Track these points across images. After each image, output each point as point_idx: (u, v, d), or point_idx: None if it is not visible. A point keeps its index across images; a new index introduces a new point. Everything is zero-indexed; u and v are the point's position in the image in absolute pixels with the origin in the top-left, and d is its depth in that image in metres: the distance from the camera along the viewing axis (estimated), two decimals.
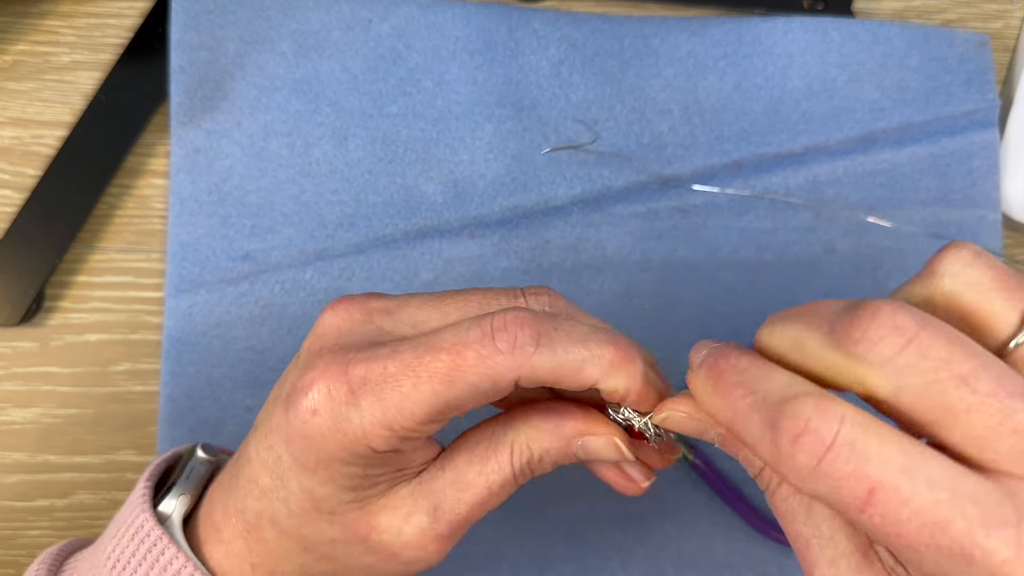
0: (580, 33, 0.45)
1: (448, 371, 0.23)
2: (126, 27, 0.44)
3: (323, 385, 0.24)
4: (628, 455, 0.27)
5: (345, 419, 0.24)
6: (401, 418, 0.24)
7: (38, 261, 0.42)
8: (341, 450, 0.24)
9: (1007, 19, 0.47)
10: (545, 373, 0.24)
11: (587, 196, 0.44)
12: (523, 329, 0.24)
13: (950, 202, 0.45)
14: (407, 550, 0.26)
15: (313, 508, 0.26)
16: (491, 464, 0.27)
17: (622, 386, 0.25)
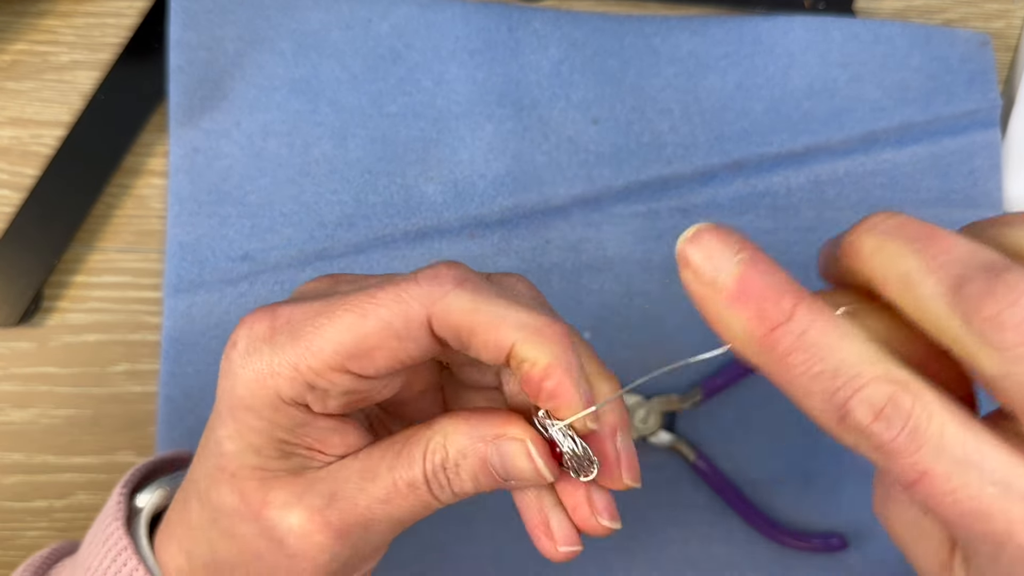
0: (580, 32, 0.45)
1: (363, 303, 0.23)
2: (125, 26, 0.44)
3: (249, 322, 0.24)
4: (542, 466, 0.24)
5: (257, 354, 0.23)
6: (308, 356, 0.23)
7: (36, 261, 0.42)
8: (249, 394, 0.24)
9: (1009, 18, 0.47)
10: (460, 316, 0.22)
11: (587, 196, 0.44)
12: (450, 270, 0.23)
13: (951, 202, 0.45)
14: (291, 536, 0.24)
15: (220, 467, 0.25)
16: (402, 459, 0.24)
17: (541, 359, 0.22)
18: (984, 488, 0.19)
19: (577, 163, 0.44)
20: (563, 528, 0.25)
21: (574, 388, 0.23)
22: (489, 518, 0.43)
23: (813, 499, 0.45)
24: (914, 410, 0.19)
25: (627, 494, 0.44)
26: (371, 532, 0.24)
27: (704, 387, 0.43)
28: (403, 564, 0.43)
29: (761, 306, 0.21)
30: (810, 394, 0.20)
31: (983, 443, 0.19)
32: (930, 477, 0.19)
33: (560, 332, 0.23)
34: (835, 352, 0.20)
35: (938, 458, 0.19)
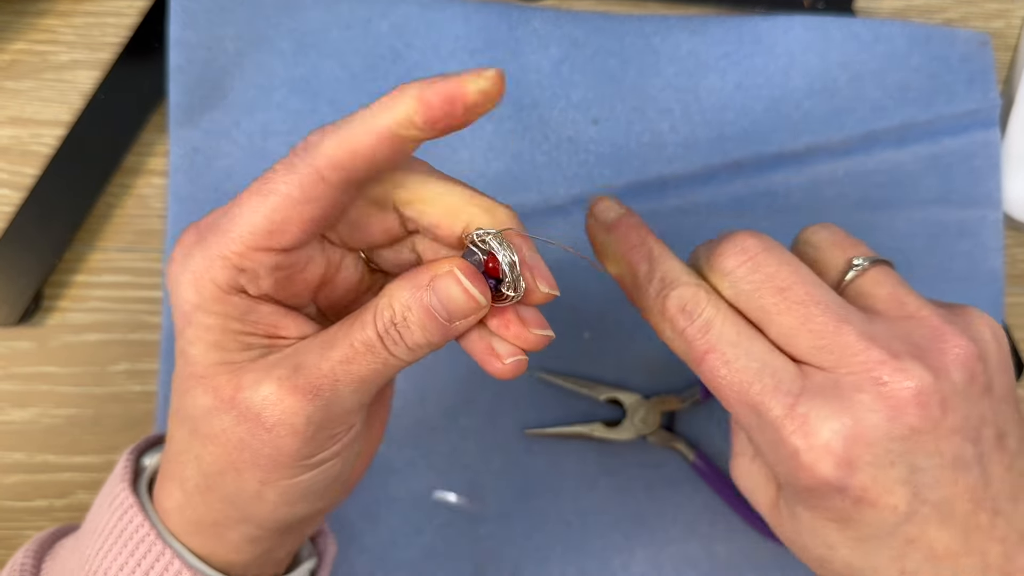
0: (581, 32, 0.45)
1: (259, 187, 0.25)
2: (125, 26, 0.44)
3: (180, 238, 0.27)
4: (471, 288, 0.25)
5: (189, 257, 0.26)
6: (230, 242, 0.25)
7: (36, 261, 0.42)
8: (192, 294, 0.26)
9: (1008, 18, 0.47)
10: (339, 151, 0.24)
11: (587, 195, 0.44)
12: (315, 131, 0.25)
13: (951, 201, 0.45)
14: (266, 406, 0.26)
15: (189, 375, 0.27)
16: (356, 325, 0.26)
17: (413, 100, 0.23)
18: (750, 363, 0.27)
19: (577, 163, 0.44)
20: (504, 346, 0.27)
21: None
22: (492, 518, 0.44)
23: None
24: (708, 307, 0.29)
25: (627, 495, 0.44)
26: (339, 392, 0.26)
27: (703, 386, 0.43)
28: (403, 564, 0.43)
29: (627, 234, 0.31)
30: (646, 291, 0.30)
31: (751, 336, 0.28)
32: (713, 353, 0.28)
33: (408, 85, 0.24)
34: (666, 265, 0.30)
35: (719, 340, 0.28)
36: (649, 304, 0.30)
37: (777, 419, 0.27)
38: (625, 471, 0.44)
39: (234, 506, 0.28)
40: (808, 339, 0.27)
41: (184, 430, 0.28)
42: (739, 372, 0.27)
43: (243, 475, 0.27)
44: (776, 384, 0.27)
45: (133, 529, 0.29)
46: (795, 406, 0.27)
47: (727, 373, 0.28)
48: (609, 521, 0.44)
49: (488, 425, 0.44)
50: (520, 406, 0.44)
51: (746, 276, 0.28)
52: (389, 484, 0.43)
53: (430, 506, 0.43)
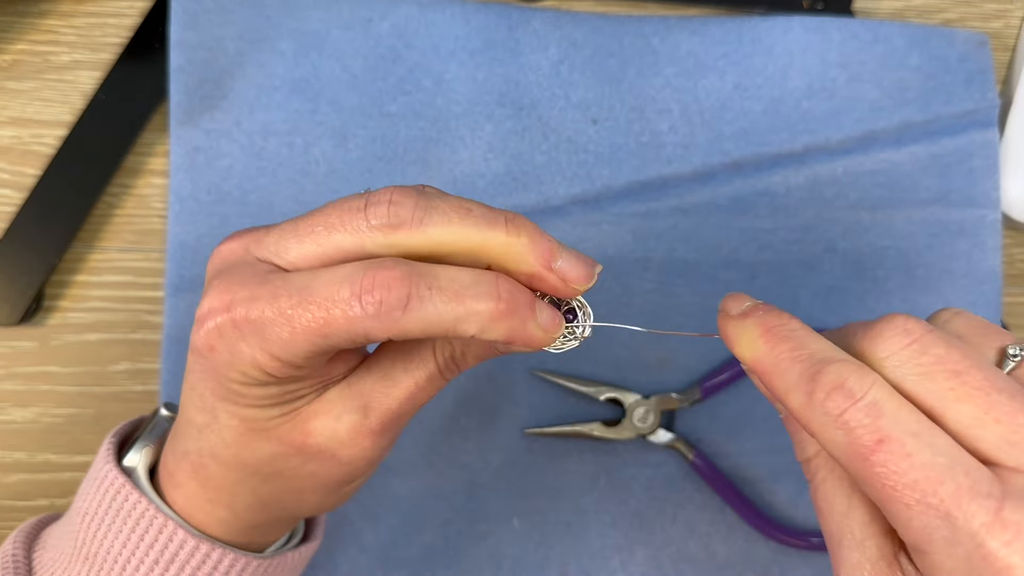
0: (580, 32, 0.45)
1: (320, 327, 0.24)
2: (126, 26, 0.44)
3: (212, 323, 0.25)
4: (548, 322, 0.26)
5: (238, 352, 0.25)
6: (286, 353, 0.24)
7: (37, 260, 0.42)
8: (244, 377, 0.25)
9: (1007, 18, 0.47)
10: (416, 333, 0.24)
11: (587, 195, 0.44)
12: (391, 292, 0.23)
13: (950, 202, 0.45)
14: (343, 449, 0.27)
15: (246, 431, 0.27)
16: (415, 361, 0.27)
17: (503, 336, 0.25)
18: (937, 458, 0.22)
19: (576, 163, 0.44)
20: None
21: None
22: (491, 517, 0.44)
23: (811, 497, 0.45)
24: (875, 387, 0.23)
25: (627, 494, 0.44)
26: (402, 421, 0.28)
27: (703, 386, 0.43)
28: (403, 564, 0.43)
29: (765, 316, 0.26)
30: (788, 372, 0.24)
31: (932, 426, 0.22)
32: (888, 443, 0.22)
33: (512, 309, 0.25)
34: (814, 343, 0.25)
35: (895, 427, 0.22)
36: (793, 383, 0.24)
37: (980, 528, 0.21)
38: (625, 471, 0.44)
39: (284, 511, 0.30)
40: (996, 431, 0.23)
41: (238, 473, 0.28)
42: (924, 468, 0.22)
43: (305, 495, 0.29)
44: (972, 484, 0.22)
45: (131, 506, 0.29)
46: (1001, 511, 0.21)
47: (907, 469, 0.22)
48: (609, 520, 0.44)
49: (488, 425, 0.44)
50: (520, 406, 0.44)
51: (913, 359, 0.24)
52: (389, 484, 0.43)
53: (430, 506, 0.44)
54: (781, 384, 0.24)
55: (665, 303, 0.45)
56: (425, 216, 0.24)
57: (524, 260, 0.25)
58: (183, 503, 0.30)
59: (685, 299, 0.45)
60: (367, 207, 0.24)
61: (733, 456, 0.45)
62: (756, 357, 0.25)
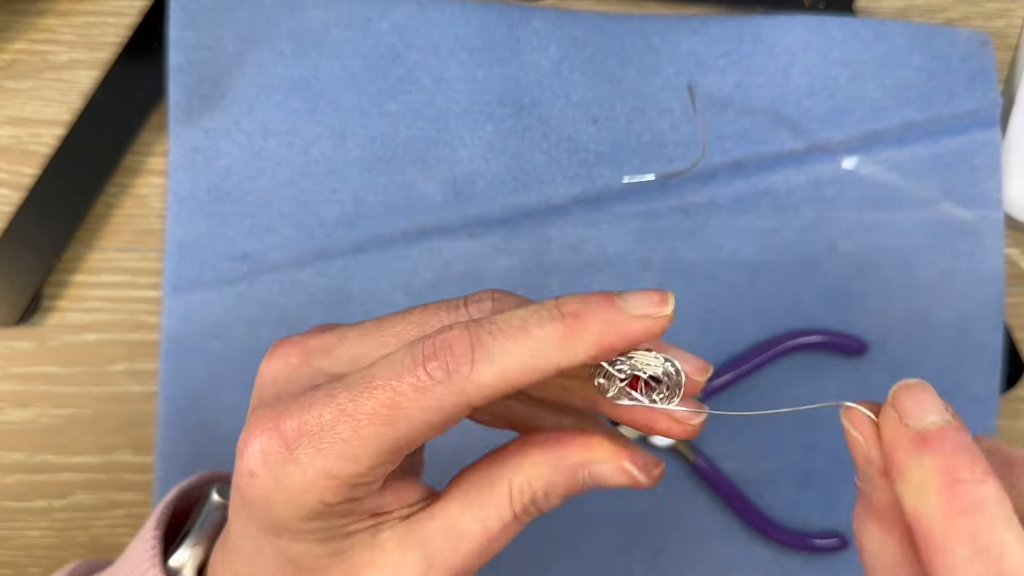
0: (580, 31, 0.45)
1: (388, 411, 0.21)
2: (124, 25, 0.44)
3: (256, 444, 0.22)
4: (641, 478, 0.25)
5: (285, 476, 0.22)
6: (346, 465, 0.22)
7: (36, 260, 0.42)
8: (291, 510, 0.22)
9: (1009, 17, 0.47)
10: (493, 388, 0.22)
11: (587, 195, 0.44)
12: (453, 350, 0.21)
13: (952, 201, 0.45)
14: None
15: (293, 569, 0.24)
16: (488, 509, 0.24)
17: (590, 347, 0.22)
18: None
19: (577, 162, 0.44)
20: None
21: (641, 311, 0.22)
22: None
23: (812, 499, 0.45)
24: None
25: (627, 495, 0.44)
26: (471, 574, 0.25)
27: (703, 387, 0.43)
28: None
29: (954, 458, 0.20)
30: (958, 560, 0.19)
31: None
32: None
33: (578, 312, 0.22)
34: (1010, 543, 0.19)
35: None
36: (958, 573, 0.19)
37: None
38: None
39: None
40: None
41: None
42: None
43: None
44: None
45: None
46: None
47: None
48: (609, 521, 0.44)
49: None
50: None
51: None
52: None
53: None
54: (942, 561, 0.19)
55: None
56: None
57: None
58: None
59: (686, 299, 0.44)
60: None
61: (734, 458, 0.44)
62: (924, 513, 0.20)
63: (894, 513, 0.22)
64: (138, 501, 0.43)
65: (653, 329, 0.22)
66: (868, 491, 0.23)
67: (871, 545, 0.23)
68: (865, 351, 0.44)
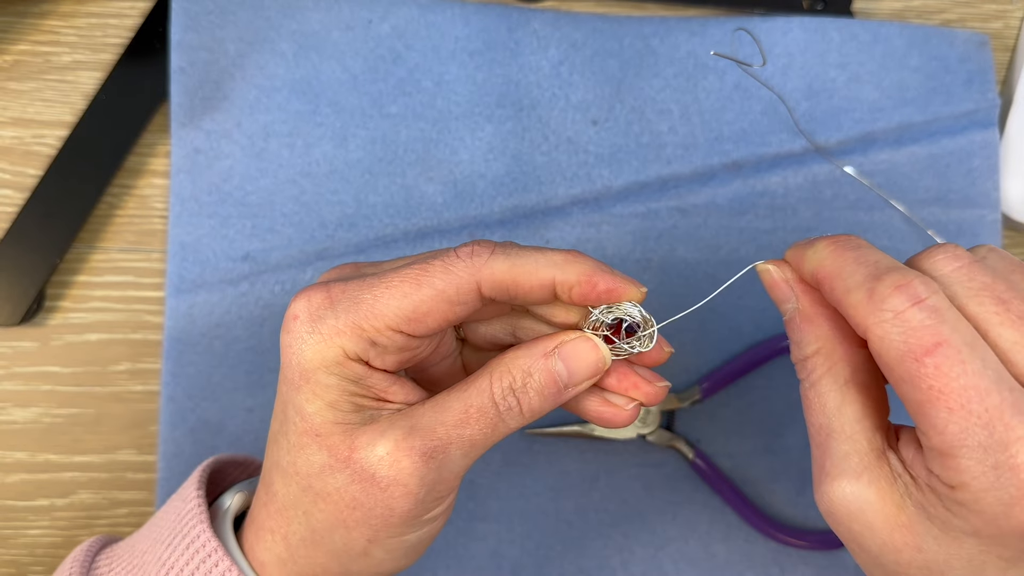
0: (580, 33, 0.45)
1: (416, 276, 0.26)
2: (127, 27, 0.44)
3: (305, 296, 0.27)
4: (603, 348, 0.28)
5: (321, 320, 0.26)
6: (371, 318, 0.26)
7: (39, 261, 0.42)
8: (317, 353, 0.26)
9: (1006, 19, 0.47)
10: (504, 275, 0.26)
11: (587, 196, 0.44)
12: (481, 244, 0.27)
13: (950, 202, 0.45)
14: (382, 467, 0.27)
15: (304, 431, 0.27)
16: (470, 390, 0.28)
17: (581, 273, 0.27)
18: (987, 371, 0.23)
19: (576, 163, 0.44)
20: (620, 398, 0.30)
21: (622, 277, 0.28)
22: (490, 517, 0.44)
23: (811, 497, 0.45)
24: (936, 295, 0.24)
25: (627, 494, 0.44)
26: (450, 455, 0.27)
27: (702, 386, 0.44)
28: None
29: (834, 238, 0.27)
30: (852, 276, 0.25)
31: (983, 343, 0.24)
32: (945, 348, 0.23)
33: (582, 254, 0.28)
34: (881, 255, 0.26)
35: (953, 333, 0.23)
36: (856, 283, 0.25)
37: (1016, 441, 0.23)
38: (625, 470, 0.44)
39: (338, 561, 0.29)
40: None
41: (294, 486, 0.28)
42: (974, 376, 0.23)
43: (352, 532, 0.28)
44: (1015, 401, 0.23)
45: (220, 574, 0.28)
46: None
47: (959, 375, 0.23)
48: (609, 520, 0.44)
49: None
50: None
51: (962, 281, 0.25)
52: None
53: None
54: (842, 285, 0.25)
55: (665, 303, 0.45)
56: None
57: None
58: (252, 540, 0.30)
59: (685, 299, 0.45)
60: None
61: (733, 456, 0.45)
62: (820, 264, 0.27)
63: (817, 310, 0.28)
64: (140, 500, 0.43)
65: (629, 290, 0.28)
66: (792, 309, 0.29)
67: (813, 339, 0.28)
68: None
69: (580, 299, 0.28)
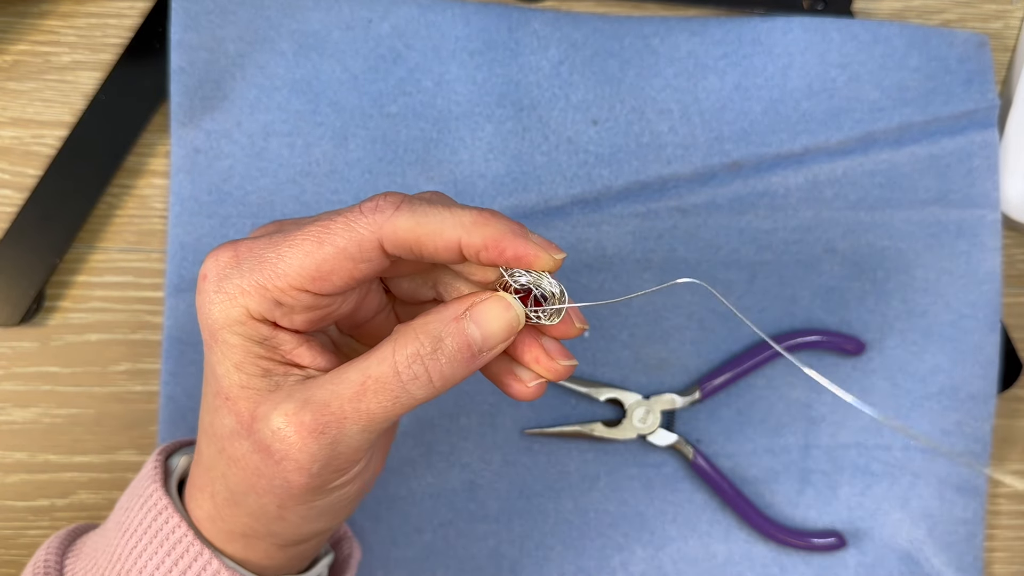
0: (580, 33, 0.45)
1: (318, 234, 0.26)
2: (126, 27, 0.44)
3: (214, 256, 0.27)
4: (517, 307, 0.27)
5: (227, 279, 0.26)
6: (274, 277, 0.26)
7: (38, 261, 0.42)
8: (223, 311, 0.26)
9: (1006, 19, 0.47)
10: (407, 233, 0.25)
11: (587, 196, 0.44)
12: (387, 198, 0.26)
13: (949, 202, 0.45)
14: (275, 441, 0.26)
15: (216, 392, 0.27)
16: (371, 359, 0.26)
17: (488, 238, 0.26)
18: None
19: (576, 163, 0.44)
20: (526, 372, 0.29)
21: (535, 243, 0.26)
22: (490, 517, 0.44)
23: (811, 498, 0.45)
24: None
25: (627, 494, 0.44)
26: (345, 431, 0.26)
27: (702, 386, 0.44)
28: (403, 564, 0.43)
29: None
30: None
31: None
32: None
33: (496, 214, 0.26)
34: None
35: None
36: None
37: None
38: (625, 470, 0.44)
39: (259, 522, 0.29)
40: None
41: (213, 447, 0.28)
42: None
43: (262, 498, 0.28)
44: None
45: (169, 530, 0.29)
46: None
47: None
48: (608, 520, 0.44)
49: (487, 425, 0.44)
50: (519, 406, 0.44)
51: None
52: (389, 483, 0.43)
53: (430, 506, 0.44)
54: None
55: (665, 303, 0.45)
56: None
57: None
58: (187, 498, 0.30)
59: (685, 299, 0.45)
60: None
61: (733, 456, 0.45)
62: None
63: None
64: None
65: (541, 257, 0.26)
66: None
67: None
68: (863, 351, 0.45)
69: (489, 263, 0.26)
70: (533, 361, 0.28)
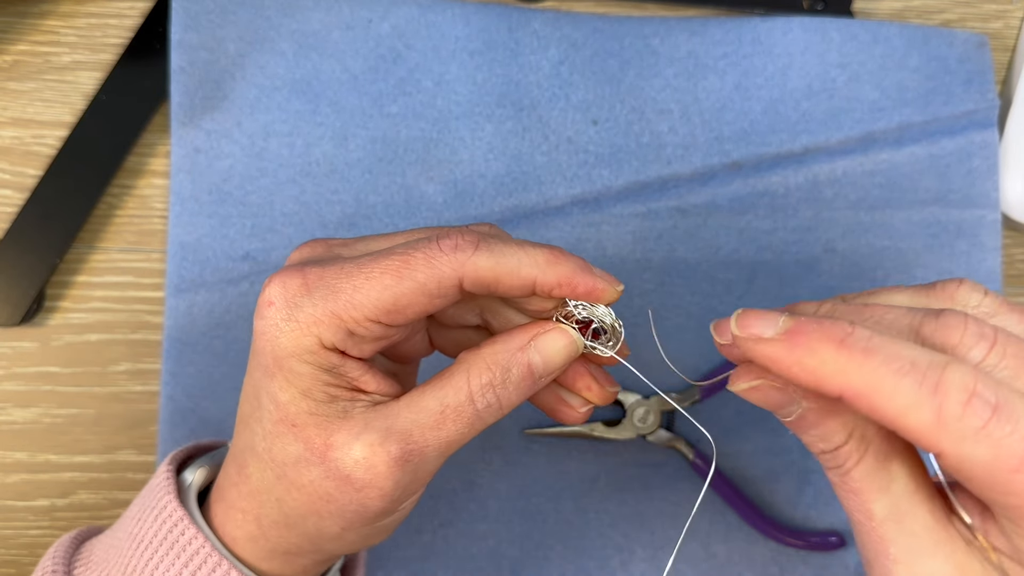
0: (580, 33, 0.45)
1: (397, 268, 0.26)
2: (126, 27, 0.44)
3: (279, 280, 0.26)
4: (577, 339, 0.28)
5: (298, 308, 0.26)
6: (350, 308, 0.26)
7: (38, 261, 0.42)
8: (292, 341, 0.26)
9: (1006, 19, 0.47)
10: (487, 272, 0.26)
11: (587, 196, 0.44)
12: (465, 237, 0.26)
13: (949, 202, 0.45)
14: (358, 470, 0.26)
15: (279, 419, 0.27)
16: (447, 388, 0.27)
17: (562, 276, 0.27)
18: None
19: (576, 163, 0.44)
20: (575, 398, 0.30)
21: (601, 278, 0.27)
22: (490, 517, 0.44)
23: (811, 498, 0.45)
24: (998, 388, 0.21)
25: (627, 494, 0.44)
26: (426, 456, 0.27)
27: (702, 386, 0.44)
28: (403, 564, 0.43)
29: (824, 330, 0.23)
30: (898, 389, 0.21)
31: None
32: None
33: (564, 253, 0.27)
34: (901, 347, 0.22)
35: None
36: (912, 400, 0.21)
37: None
38: (625, 471, 0.44)
39: (312, 542, 0.29)
40: None
41: (269, 472, 0.28)
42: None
43: (325, 521, 0.28)
44: None
45: (186, 541, 0.29)
46: None
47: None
48: (608, 520, 0.44)
49: None
50: (519, 406, 0.44)
51: (999, 363, 0.23)
52: None
53: (430, 506, 0.44)
54: (892, 404, 0.22)
55: (665, 303, 0.45)
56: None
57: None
58: (222, 517, 0.30)
59: (685, 299, 0.45)
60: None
61: (733, 456, 0.45)
62: (847, 382, 0.22)
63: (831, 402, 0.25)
64: None
65: (607, 291, 0.27)
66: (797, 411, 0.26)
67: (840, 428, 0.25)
68: None
69: (559, 297, 0.28)
70: (585, 388, 0.30)
